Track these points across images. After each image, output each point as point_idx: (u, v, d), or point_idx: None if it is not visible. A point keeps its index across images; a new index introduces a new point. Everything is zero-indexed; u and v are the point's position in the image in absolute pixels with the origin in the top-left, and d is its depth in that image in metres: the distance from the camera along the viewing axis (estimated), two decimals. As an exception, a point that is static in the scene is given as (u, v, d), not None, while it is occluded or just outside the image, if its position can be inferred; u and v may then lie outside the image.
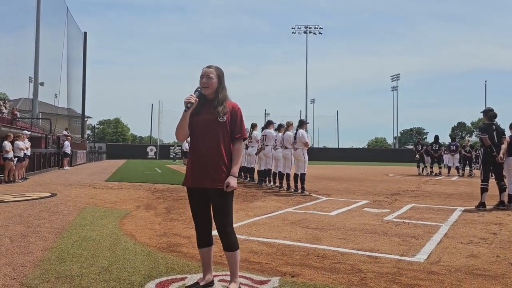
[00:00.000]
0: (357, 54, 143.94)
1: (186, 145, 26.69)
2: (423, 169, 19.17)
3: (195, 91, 2.99)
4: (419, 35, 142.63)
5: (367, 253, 4.16)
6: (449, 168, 18.99)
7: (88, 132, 61.13)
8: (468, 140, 19.97)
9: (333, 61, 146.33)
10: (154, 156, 45.92)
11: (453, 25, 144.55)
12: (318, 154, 43.99)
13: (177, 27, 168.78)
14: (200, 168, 2.95)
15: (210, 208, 3.03)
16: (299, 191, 9.67)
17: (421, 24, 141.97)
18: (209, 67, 3.05)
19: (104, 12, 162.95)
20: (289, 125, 10.39)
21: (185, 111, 2.91)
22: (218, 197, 2.93)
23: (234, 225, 3.14)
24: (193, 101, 2.90)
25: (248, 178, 13.00)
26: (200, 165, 2.95)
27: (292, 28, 55.61)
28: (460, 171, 18.71)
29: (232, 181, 2.91)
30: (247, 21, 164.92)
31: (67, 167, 21.17)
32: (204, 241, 3.06)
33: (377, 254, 4.12)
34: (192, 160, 3.01)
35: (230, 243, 2.95)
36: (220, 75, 3.05)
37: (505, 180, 7.73)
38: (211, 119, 2.96)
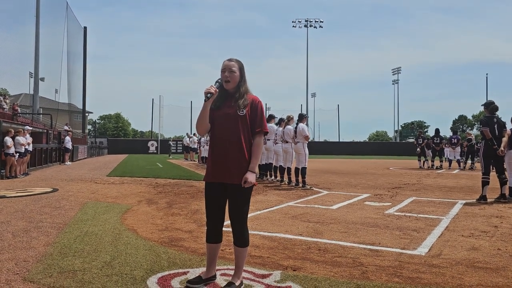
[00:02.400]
0: (358, 48, 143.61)
1: (187, 140, 26.67)
2: (424, 162, 19.16)
3: (216, 82, 2.94)
4: (419, 28, 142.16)
5: (369, 247, 4.17)
6: (450, 161, 18.99)
7: (89, 127, 61.20)
8: (471, 134, 19.95)
9: (334, 55, 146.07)
10: (155, 151, 45.94)
11: (454, 17, 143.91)
12: (319, 148, 43.96)
13: (177, 21, 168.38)
14: (221, 163, 2.91)
15: (225, 204, 3.01)
16: (300, 185, 9.68)
17: (421, 17, 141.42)
18: (230, 60, 3.00)
19: (104, 6, 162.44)
20: (289, 119, 10.38)
21: (205, 101, 2.86)
22: (237, 193, 2.90)
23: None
24: (212, 91, 2.86)
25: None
26: (220, 160, 2.92)
27: (293, 21, 55.29)
28: (461, 164, 18.71)
29: (250, 176, 2.87)
30: (247, 14, 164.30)
31: (69, 163, 21.20)
32: (214, 237, 3.04)
33: (378, 248, 4.13)
34: (213, 155, 2.97)
35: (243, 239, 2.95)
36: (242, 69, 3.01)
37: (506, 173, 7.72)
38: (232, 113, 2.92)
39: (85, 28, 37.78)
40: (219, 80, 2.95)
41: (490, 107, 7.86)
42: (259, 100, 3.02)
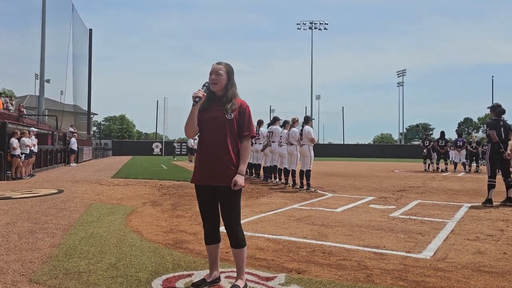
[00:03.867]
0: (362, 50, 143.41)
1: (191, 141, 26.71)
2: (429, 165, 19.07)
3: (203, 86, 2.98)
4: (424, 30, 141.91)
5: (373, 250, 4.15)
6: (455, 164, 18.88)
7: (94, 128, 61.42)
8: (475, 136, 19.84)
9: (338, 57, 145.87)
10: (160, 153, 46.07)
11: (459, 19, 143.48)
12: (323, 151, 43.87)
13: (181, 23, 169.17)
14: (208, 165, 2.95)
15: (218, 205, 3.03)
16: (305, 187, 9.67)
17: (426, 19, 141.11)
18: (218, 63, 3.04)
19: (109, 9, 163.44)
20: (294, 121, 10.37)
21: (193, 105, 2.90)
22: (225, 195, 2.93)
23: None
24: (200, 95, 2.90)
25: (254, 175, 13.03)
26: (208, 163, 2.96)
27: (297, 24, 55.30)
28: (467, 167, 18.60)
29: (240, 179, 2.90)
30: (252, 17, 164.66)
31: (74, 164, 21.29)
32: (211, 238, 3.08)
33: (383, 251, 4.12)
34: (200, 157, 3.01)
35: (237, 240, 2.96)
36: (230, 72, 3.04)
37: (512, 176, 7.67)
38: (219, 116, 2.95)
39: (90, 30, 37.99)
40: (206, 84, 3.00)
41: (497, 110, 7.82)
42: (246, 105, 3.06)
